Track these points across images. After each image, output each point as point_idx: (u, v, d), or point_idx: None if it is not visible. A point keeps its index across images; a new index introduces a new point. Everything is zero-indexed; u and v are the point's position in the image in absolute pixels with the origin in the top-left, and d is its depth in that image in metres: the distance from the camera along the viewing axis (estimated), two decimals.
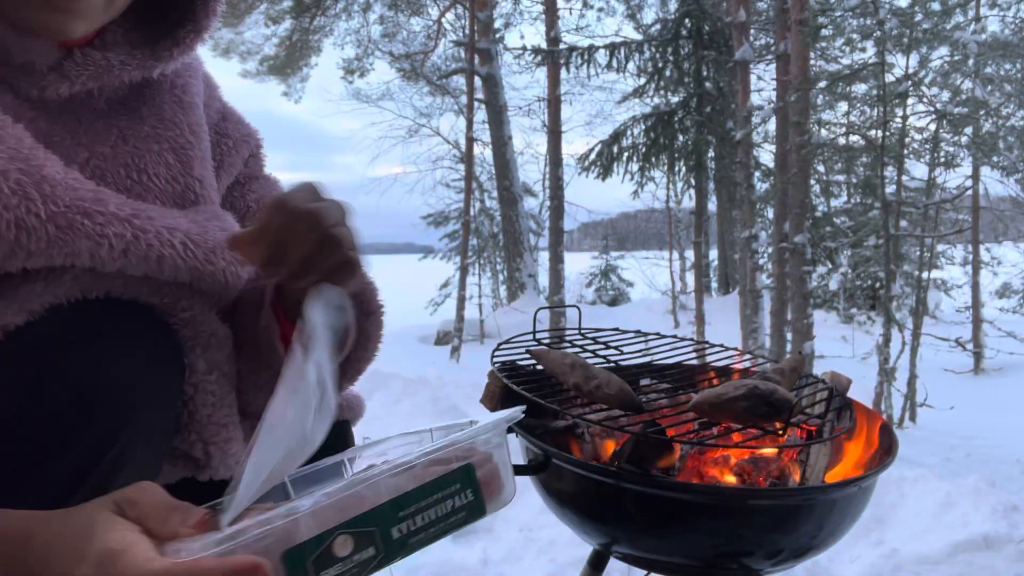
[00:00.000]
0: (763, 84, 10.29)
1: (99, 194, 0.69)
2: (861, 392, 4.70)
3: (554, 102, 10.30)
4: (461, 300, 8.95)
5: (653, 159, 9.36)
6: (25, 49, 0.71)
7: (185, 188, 0.80)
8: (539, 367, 1.16)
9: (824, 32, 6.50)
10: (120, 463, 0.63)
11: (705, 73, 9.16)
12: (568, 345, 1.34)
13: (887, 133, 4.79)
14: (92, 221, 0.67)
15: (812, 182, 7.59)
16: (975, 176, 7.19)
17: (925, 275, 5.91)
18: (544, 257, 11.38)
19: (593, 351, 1.30)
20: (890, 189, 5.08)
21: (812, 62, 6.81)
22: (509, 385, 1.10)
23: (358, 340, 0.87)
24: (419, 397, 3.90)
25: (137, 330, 0.69)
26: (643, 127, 9.34)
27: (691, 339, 1.40)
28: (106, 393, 0.62)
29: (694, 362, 1.35)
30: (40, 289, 0.65)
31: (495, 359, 1.20)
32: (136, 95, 0.81)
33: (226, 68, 12.96)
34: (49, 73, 0.73)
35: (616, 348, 1.33)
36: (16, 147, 0.65)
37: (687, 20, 9.19)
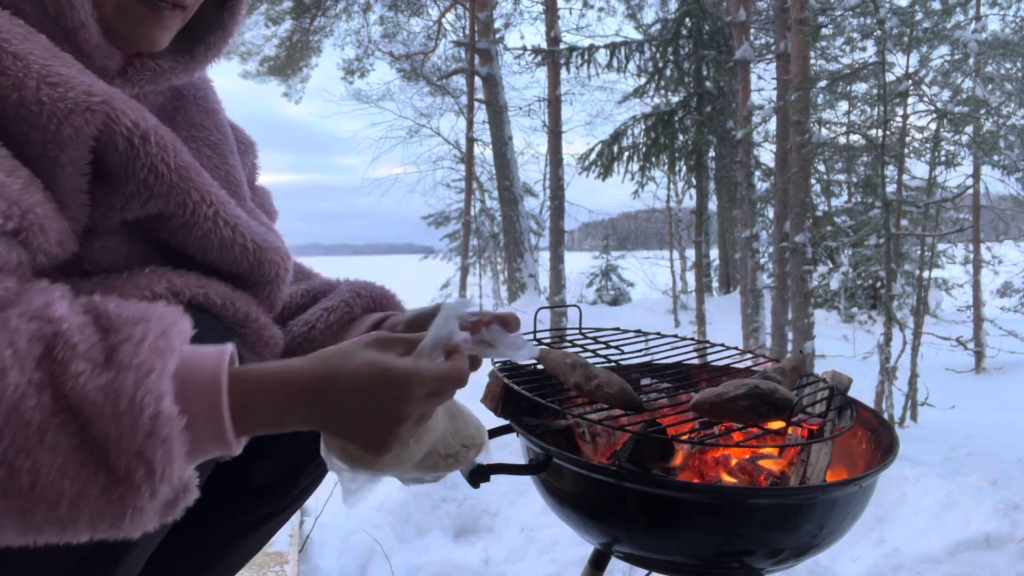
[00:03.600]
0: (763, 83, 10.28)
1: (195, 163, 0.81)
2: (862, 391, 4.70)
3: (554, 102, 10.29)
4: None
5: (653, 159, 9.34)
6: (106, 55, 0.79)
7: (227, 174, 0.92)
8: (540, 367, 1.16)
9: (824, 31, 6.49)
10: None
11: (705, 72, 9.15)
12: (569, 345, 1.34)
13: (887, 132, 4.78)
14: (201, 179, 0.79)
15: (813, 181, 7.59)
16: (976, 175, 7.18)
17: (926, 274, 5.90)
18: (545, 257, 11.36)
19: (594, 351, 1.30)
20: (891, 188, 5.07)
21: (812, 61, 6.80)
22: (510, 384, 1.10)
23: None
24: None
25: (208, 330, 0.76)
26: (643, 127, 9.33)
27: (692, 339, 1.40)
28: None
29: (695, 361, 1.35)
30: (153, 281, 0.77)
31: (496, 359, 1.19)
32: (171, 106, 0.92)
33: (226, 69, 12.97)
34: (116, 77, 0.81)
35: (617, 348, 1.32)
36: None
37: (687, 20, 9.18)
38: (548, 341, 1.33)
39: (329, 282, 1.06)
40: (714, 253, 14.18)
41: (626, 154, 9.41)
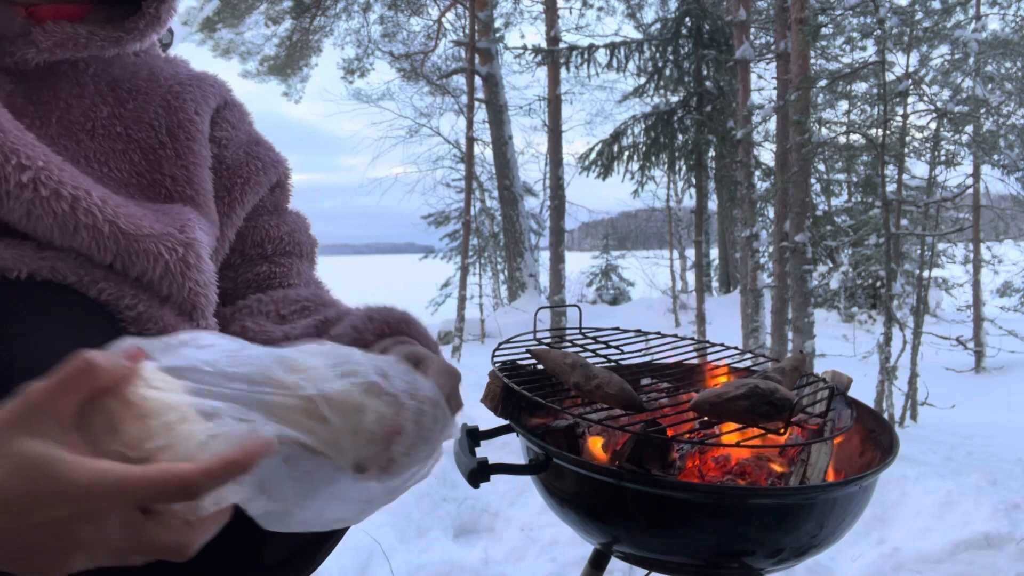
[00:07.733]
0: (763, 83, 10.30)
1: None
2: (862, 391, 4.70)
3: (554, 101, 10.30)
4: (462, 300, 8.94)
5: (653, 158, 9.36)
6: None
7: (152, 183, 0.80)
8: (540, 366, 1.16)
9: (824, 31, 6.49)
10: None
11: (705, 72, 9.16)
12: (569, 344, 1.34)
13: (888, 132, 4.78)
14: (6, 136, 0.64)
15: (813, 181, 7.59)
16: (976, 174, 7.18)
17: (926, 274, 5.90)
18: (545, 256, 11.38)
19: (594, 350, 1.30)
20: (891, 188, 5.07)
21: (812, 61, 6.80)
22: (510, 384, 1.09)
23: None
24: None
25: (62, 309, 0.64)
26: (643, 126, 9.34)
27: (692, 338, 1.39)
28: (22, 372, 0.56)
29: (695, 361, 1.35)
30: None
31: (496, 359, 1.19)
32: (127, 84, 0.83)
33: (226, 68, 12.96)
34: (17, 39, 0.74)
35: (617, 347, 1.32)
36: None
37: (687, 19, 9.19)
38: (548, 341, 1.33)
39: (345, 310, 0.91)
40: (714, 253, 14.21)
41: (626, 153, 9.43)
